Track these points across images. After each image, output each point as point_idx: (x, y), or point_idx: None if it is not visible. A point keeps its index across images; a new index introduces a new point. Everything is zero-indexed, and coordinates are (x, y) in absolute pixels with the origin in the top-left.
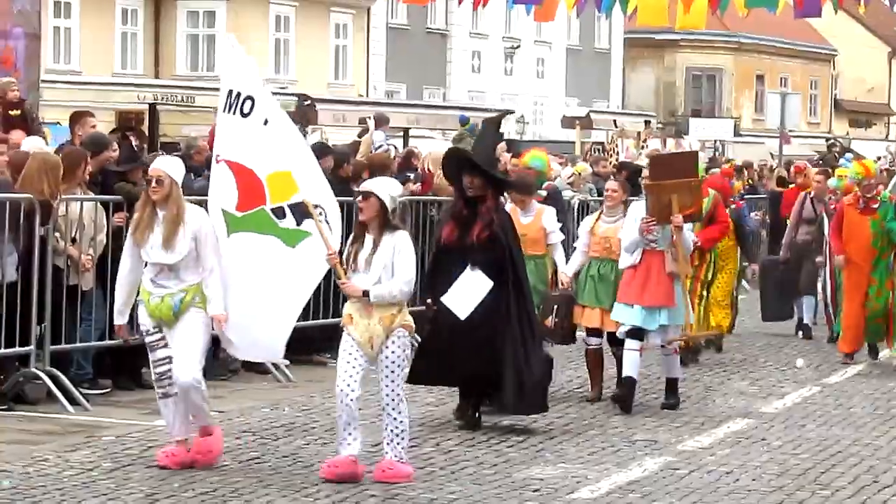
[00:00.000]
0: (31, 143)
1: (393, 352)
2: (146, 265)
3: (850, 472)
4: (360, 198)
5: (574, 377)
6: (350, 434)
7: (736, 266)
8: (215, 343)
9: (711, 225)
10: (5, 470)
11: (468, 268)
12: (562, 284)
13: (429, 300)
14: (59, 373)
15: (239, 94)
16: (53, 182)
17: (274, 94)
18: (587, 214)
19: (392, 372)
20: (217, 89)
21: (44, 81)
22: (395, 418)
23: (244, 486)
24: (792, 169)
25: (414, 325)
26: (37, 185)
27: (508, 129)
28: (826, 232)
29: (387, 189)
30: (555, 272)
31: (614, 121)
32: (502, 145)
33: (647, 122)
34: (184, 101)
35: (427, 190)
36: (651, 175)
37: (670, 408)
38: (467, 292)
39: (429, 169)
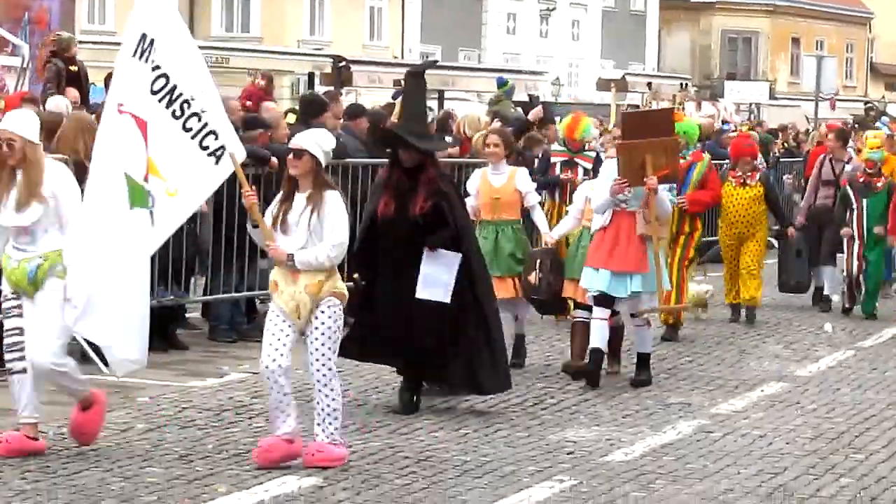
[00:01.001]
0: (55, 103)
1: (323, 322)
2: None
3: (884, 436)
4: (290, 155)
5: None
6: (283, 412)
7: (766, 233)
8: (250, 307)
9: (702, 190)
10: (41, 431)
11: (425, 252)
12: (544, 244)
13: (356, 275)
14: None
15: (153, 41)
16: (90, 142)
17: (309, 55)
18: None
19: (322, 345)
20: (252, 51)
21: (79, 42)
22: (326, 395)
23: None
24: (823, 128)
25: (346, 294)
26: (73, 145)
27: (543, 91)
28: (848, 201)
29: (319, 143)
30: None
31: (649, 83)
32: (538, 110)
33: (682, 85)
34: (219, 61)
35: (465, 152)
36: (623, 133)
37: (640, 384)
38: (438, 275)
39: (465, 132)
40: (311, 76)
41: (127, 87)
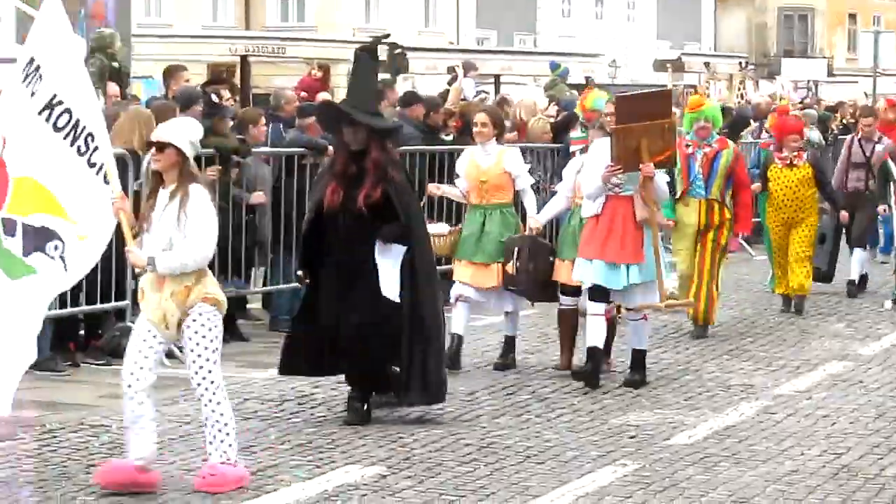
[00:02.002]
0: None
1: (196, 332)
2: None
3: None
4: (153, 149)
5: (669, 322)
6: (137, 434)
7: (816, 218)
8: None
9: (738, 206)
10: (103, 424)
11: (378, 246)
12: (530, 230)
13: (300, 272)
14: None
15: (38, 67)
16: (147, 135)
17: (364, 42)
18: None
19: (199, 356)
20: (308, 40)
21: (135, 36)
22: (212, 411)
23: (340, 437)
24: (883, 103)
25: (222, 299)
26: (128, 138)
27: (599, 73)
28: (890, 174)
29: (185, 134)
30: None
31: (706, 63)
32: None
33: (741, 64)
34: (274, 52)
35: (522, 138)
36: (617, 117)
37: (633, 385)
38: (392, 272)
39: (521, 117)
40: None
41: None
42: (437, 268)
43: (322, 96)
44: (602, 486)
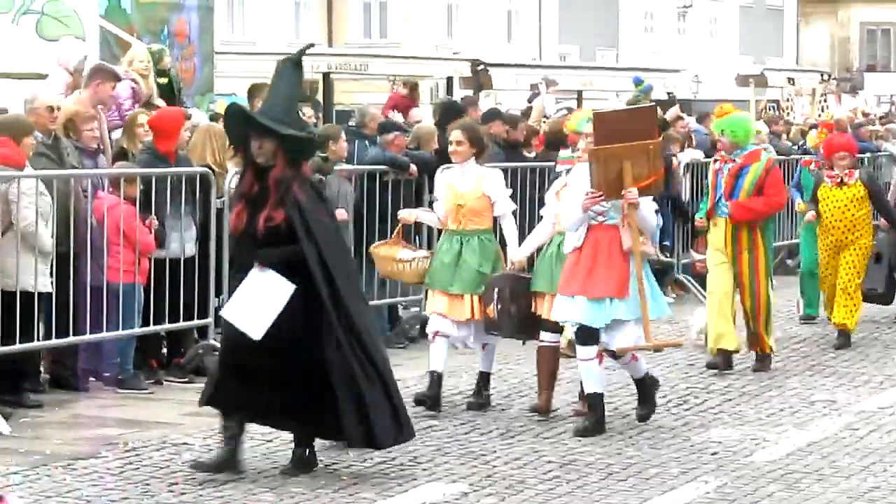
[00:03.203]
0: (198, 117)
1: None
2: None
3: None
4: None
5: None
6: None
7: (870, 241)
8: (392, 314)
9: (757, 197)
10: (186, 443)
11: (255, 267)
12: (511, 265)
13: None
14: None
15: None
16: (220, 151)
17: (447, 59)
18: None
19: None
20: (390, 56)
21: (218, 53)
22: None
23: (422, 455)
24: None
25: None
26: (202, 153)
27: (681, 88)
28: None
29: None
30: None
31: (790, 79)
32: (675, 109)
33: (822, 76)
34: (357, 69)
35: None
36: (596, 137)
37: (643, 419)
38: (258, 302)
39: None
40: (449, 80)
41: None
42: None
43: (413, 113)
44: (684, 503)
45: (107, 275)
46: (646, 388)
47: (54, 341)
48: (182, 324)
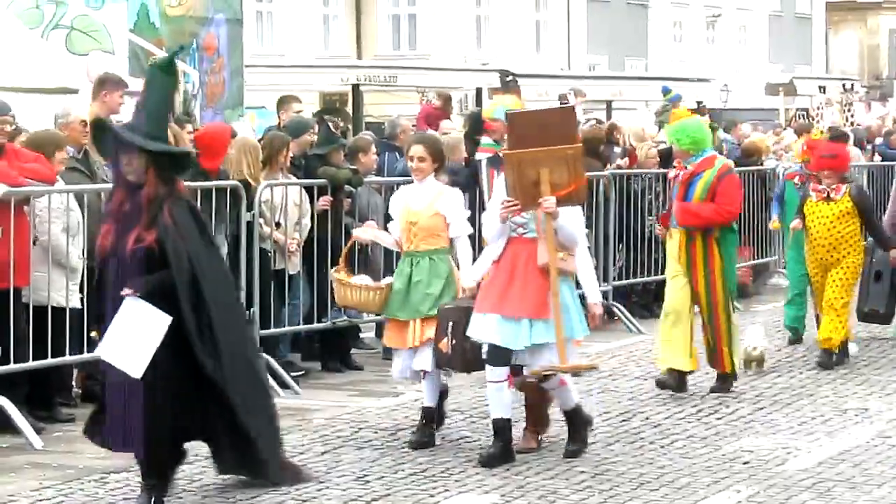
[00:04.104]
0: (240, 129)
1: None
2: None
3: None
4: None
5: (783, 346)
6: None
7: (860, 259)
8: None
9: (708, 203)
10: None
11: (127, 297)
12: (462, 292)
13: (94, 332)
14: (268, 357)
15: None
16: (254, 165)
17: (476, 70)
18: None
19: None
20: (420, 68)
21: (247, 66)
22: None
23: (454, 466)
24: None
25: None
26: (238, 167)
27: (711, 97)
28: None
29: None
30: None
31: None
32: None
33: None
34: (386, 81)
35: (633, 164)
36: (509, 139)
37: (572, 455)
38: (134, 337)
39: (631, 143)
40: (478, 91)
41: None
42: None
43: (443, 124)
44: None
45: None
46: (575, 423)
47: (86, 355)
48: None
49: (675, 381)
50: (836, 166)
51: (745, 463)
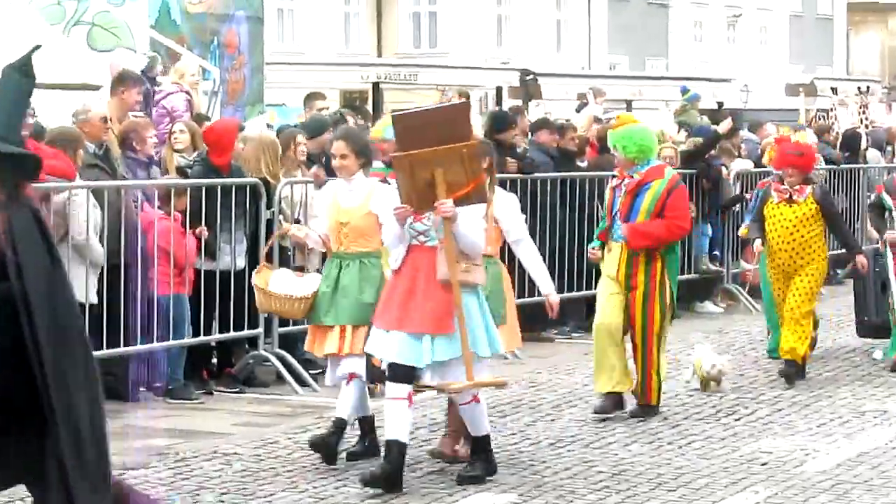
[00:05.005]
0: (253, 125)
1: None
2: None
3: None
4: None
5: None
6: None
7: (824, 265)
8: None
9: (657, 220)
10: (236, 452)
11: None
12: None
13: None
14: (287, 355)
15: None
16: (273, 162)
17: (496, 69)
18: None
19: None
20: (440, 66)
21: (268, 64)
22: None
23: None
24: None
25: None
26: (256, 165)
27: (731, 97)
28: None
29: None
30: None
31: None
32: (727, 121)
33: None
34: (407, 78)
35: None
36: (398, 142)
37: (473, 481)
38: None
39: None
40: (498, 90)
41: None
42: None
43: None
44: None
45: (155, 286)
46: (476, 450)
47: (105, 352)
48: (232, 334)
49: (613, 404)
50: (801, 164)
51: (763, 464)
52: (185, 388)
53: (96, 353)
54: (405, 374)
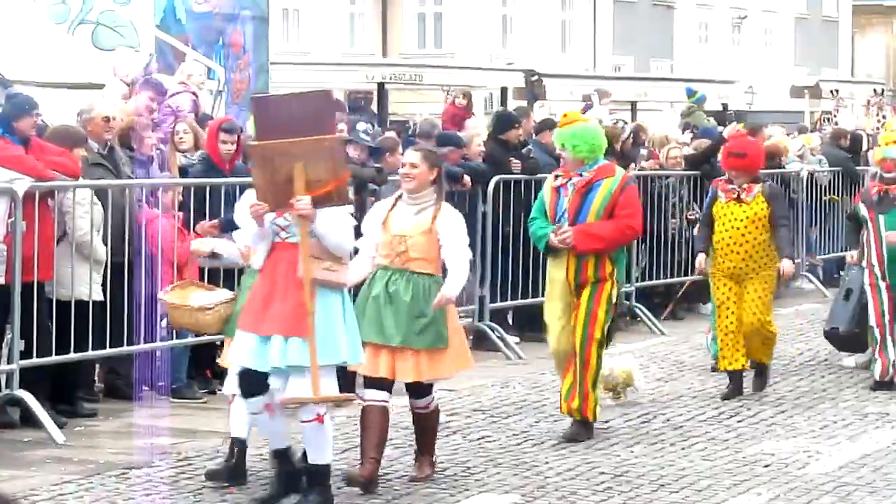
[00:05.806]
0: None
1: None
2: None
3: None
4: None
5: (804, 349)
6: None
7: (774, 271)
8: None
9: (607, 221)
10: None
11: None
12: None
13: None
14: None
15: None
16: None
17: (501, 70)
18: (814, 187)
19: None
20: (445, 67)
21: (273, 63)
22: None
23: (475, 465)
24: None
25: None
26: None
27: (736, 99)
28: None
29: None
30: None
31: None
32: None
33: (875, 90)
34: (412, 79)
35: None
36: (257, 131)
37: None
38: None
39: (652, 147)
40: (503, 91)
41: None
42: None
43: (468, 123)
44: None
45: (158, 285)
46: (314, 480)
47: (108, 350)
48: None
49: (582, 429)
50: (744, 167)
51: (765, 466)
52: (189, 388)
53: (100, 352)
54: (255, 383)
